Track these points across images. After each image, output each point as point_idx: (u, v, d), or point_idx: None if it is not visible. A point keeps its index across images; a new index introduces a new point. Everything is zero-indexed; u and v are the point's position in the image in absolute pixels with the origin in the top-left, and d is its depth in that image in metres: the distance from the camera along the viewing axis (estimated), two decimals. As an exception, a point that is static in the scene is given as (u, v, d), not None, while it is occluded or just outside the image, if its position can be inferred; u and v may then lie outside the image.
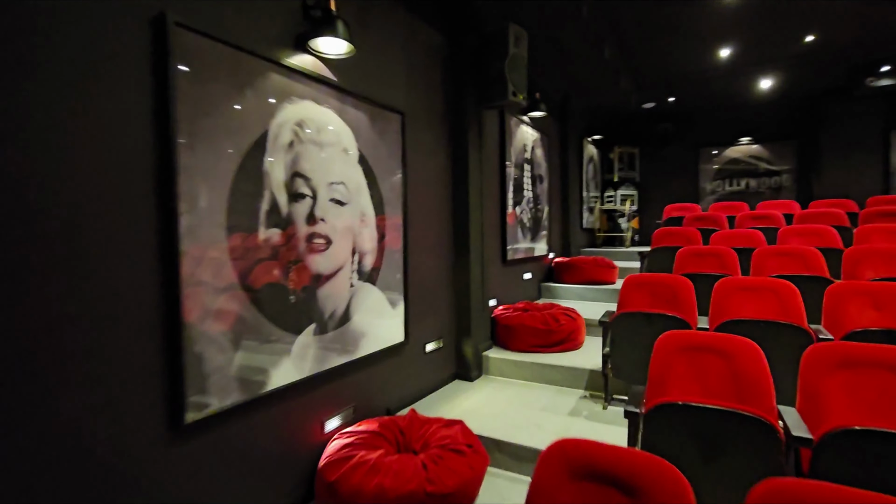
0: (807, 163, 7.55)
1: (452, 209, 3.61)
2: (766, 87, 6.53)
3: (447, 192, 3.55)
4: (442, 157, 3.48)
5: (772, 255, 3.59)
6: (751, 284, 2.81)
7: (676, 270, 3.86)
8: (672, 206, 6.78)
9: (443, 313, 3.51)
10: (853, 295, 2.56)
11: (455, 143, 3.58)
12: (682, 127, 8.35)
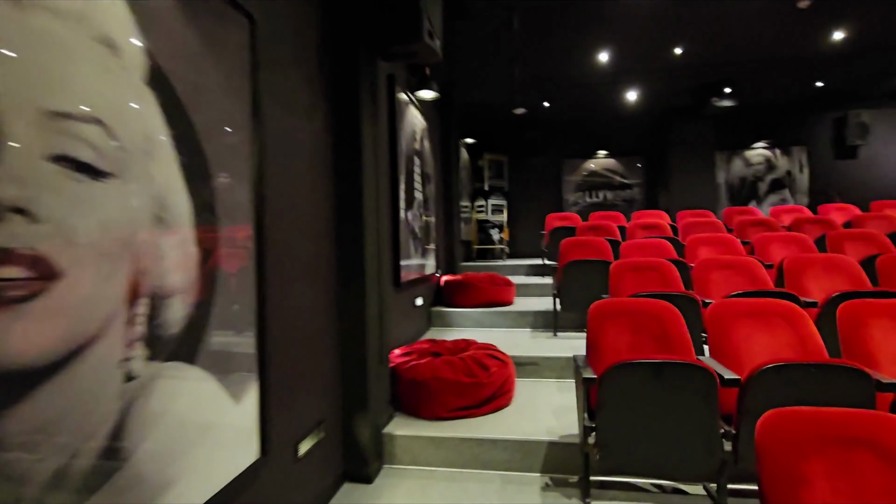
0: (655, 177, 8.03)
1: (337, 207, 2.28)
2: (632, 99, 6.61)
3: (328, 181, 2.21)
4: (319, 122, 2.13)
5: (717, 267, 3.11)
6: (758, 309, 2.13)
7: (616, 290, 3.15)
8: (554, 216, 6.39)
9: (325, 378, 2.14)
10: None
11: (339, 105, 2.27)
12: (549, 137, 8.23)
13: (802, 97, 7.17)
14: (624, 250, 4.05)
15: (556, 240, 5.39)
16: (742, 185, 7.97)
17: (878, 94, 7.23)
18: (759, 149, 7.87)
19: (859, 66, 5.90)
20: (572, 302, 3.77)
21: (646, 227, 5.10)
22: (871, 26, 4.96)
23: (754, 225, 4.88)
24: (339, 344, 2.28)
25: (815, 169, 7.75)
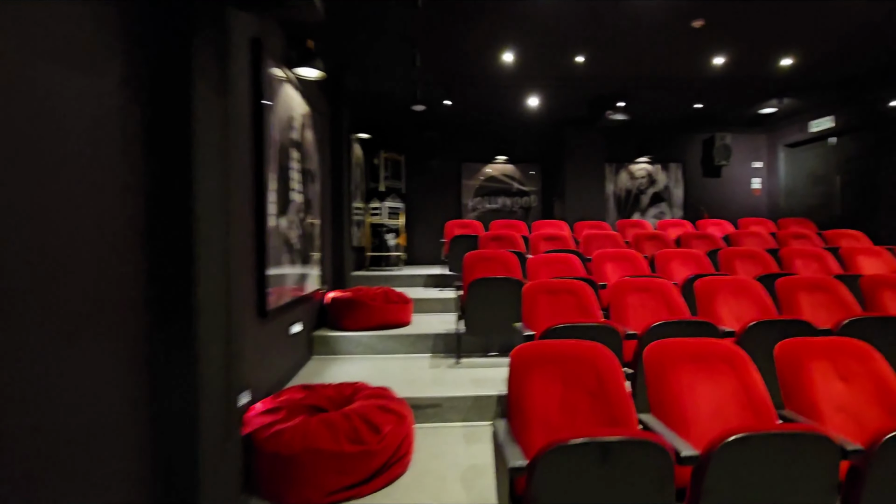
0: (551, 186, 8.06)
1: (148, 209, 1.50)
2: (533, 106, 6.45)
3: (136, 171, 1.43)
4: (115, 79, 1.35)
5: (632, 290, 2.86)
6: (699, 352, 1.81)
7: (530, 315, 2.74)
8: (454, 223, 5.97)
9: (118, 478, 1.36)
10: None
11: (160, 62, 1.50)
12: (449, 138, 7.85)
13: (682, 117, 7.67)
14: (532, 267, 3.71)
15: (457, 249, 4.97)
16: (628, 197, 8.36)
17: (741, 121, 8.03)
18: (643, 163, 8.31)
19: (729, 93, 6.37)
20: (479, 325, 3.32)
21: (549, 239, 4.88)
22: (744, 56, 5.30)
23: (649, 239, 4.92)
24: (153, 420, 1.51)
25: (688, 184, 8.39)
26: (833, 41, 4.97)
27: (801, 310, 2.86)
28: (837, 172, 7.24)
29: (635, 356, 2.45)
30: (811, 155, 7.71)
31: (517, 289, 3.19)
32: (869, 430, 1.74)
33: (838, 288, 2.95)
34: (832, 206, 7.28)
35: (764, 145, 8.46)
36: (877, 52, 5.17)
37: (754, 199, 8.49)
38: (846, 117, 6.85)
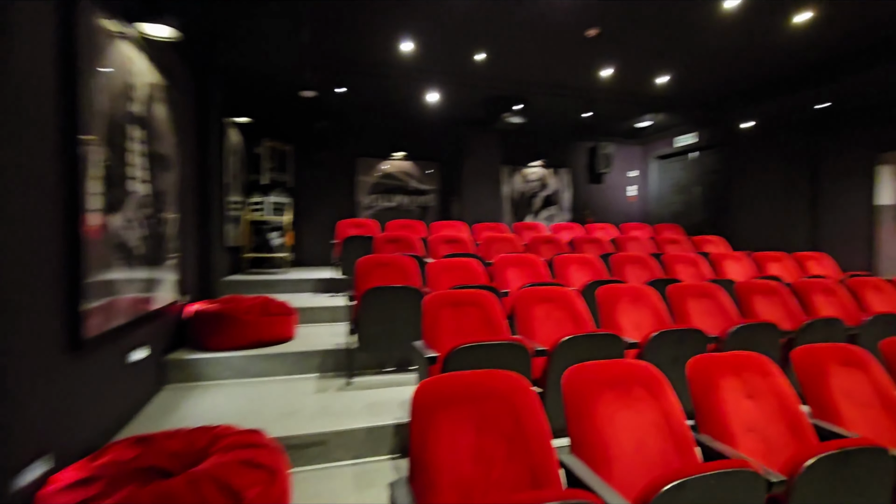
0: (449, 185, 7.91)
1: None
2: (432, 101, 6.19)
3: None
4: None
5: (537, 300, 2.69)
6: (618, 377, 1.64)
7: (432, 331, 2.43)
8: (347, 223, 5.47)
9: None
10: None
11: None
12: (343, 129, 7.28)
13: (572, 125, 8.00)
14: (432, 273, 3.42)
15: (350, 250, 4.51)
16: (522, 199, 8.53)
17: (620, 132, 8.63)
18: (536, 167, 8.55)
19: (614, 105, 6.74)
20: (374, 341, 2.94)
21: (448, 242, 4.66)
22: (628, 70, 5.60)
23: (545, 242, 4.94)
24: None
25: (576, 189, 8.82)
26: (700, 66, 5.44)
27: (691, 316, 2.95)
28: (698, 183, 8.10)
29: (544, 374, 2.27)
30: (677, 167, 8.56)
31: (417, 300, 2.87)
32: (776, 450, 1.72)
33: (719, 294, 3.10)
34: (693, 213, 8.14)
35: (639, 156, 9.21)
36: (734, 79, 5.79)
37: (630, 205, 9.21)
38: (706, 135, 7.68)
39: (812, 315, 3.33)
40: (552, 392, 2.26)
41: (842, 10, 4.10)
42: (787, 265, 4.65)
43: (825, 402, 1.82)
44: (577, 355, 2.27)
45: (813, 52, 4.88)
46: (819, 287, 3.42)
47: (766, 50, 4.93)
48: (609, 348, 2.32)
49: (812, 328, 2.76)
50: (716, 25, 4.40)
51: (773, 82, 5.55)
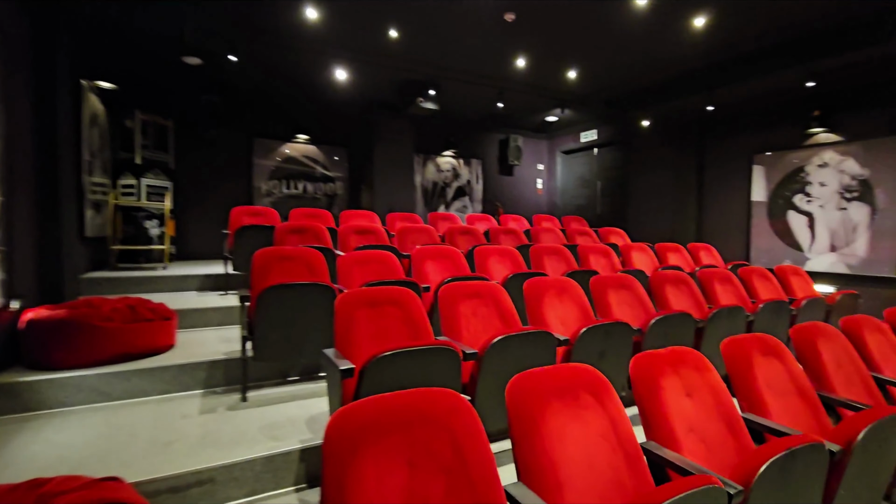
0: (359, 172, 7.44)
1: None
2: (341, 80, 5.69)
3: None
4: None
5: (463, 296, 2.46)
6: (566, 386, 1.45)
7: (347, 337, 2.08)
8: (242, 210, 4.81)
9: None
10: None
11: None
12: (236, 106, 6.46)
13: (485, 115, 7.94)
14: (344, 267, 3.05)
15: (246, 242, 3.95)
16: (434, 189, 8.33)
17: (530, 125, 8.79)
18: (449, 157, 8.39)
19: (525, 97, 6.77)
20: (274, 348, 2.50)
21: (360, 232, 4.27)
22: (541, 62, 5.61)
23: (462, 234, 4.76)
24: None
25: (487, 180, 8.83)
26: (606, 63, 5.62)
27: (612, 308, 2.93)
28: (598, 178, 8.53)
29: (473, 379, 2.05)
30: (580, 161, 8.94)
31: (326, 299, 2.49)
32: (715, 450, 1.66)
33: (635, 285, 3.13)
34: (594, 206, 8.57)
35: (545, 150, 9.48)
36: (635, 79, 6.07)
37: (538, 197, 9.46)
38: (607, 132, 8.07)
39: (714, 303, 3.52)
40: (484, 398, 2.05)
41: (727, 21, 4.41)
42: (683, 256, 4.97)
43: (754, 395, 1.82)
44: (508, 357, 2.09)
45: (703, 58, 5.24)
46: (717, 276, 3.63)
47: (666, 53, 5.19)
48: (541, 346, 2.17)
49: (718, 317, 2.87)
50: (624, 23, 4.51)
51: (669, 84, 5.91)
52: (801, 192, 5.63)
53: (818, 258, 5.48)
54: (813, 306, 3.49)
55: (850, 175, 5.20)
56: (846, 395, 2.09)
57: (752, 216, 6.11)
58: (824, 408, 1.97)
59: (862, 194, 5.12)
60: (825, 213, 5.42)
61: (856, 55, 4.39)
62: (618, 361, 2.48)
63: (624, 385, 2.60)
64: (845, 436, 1.56)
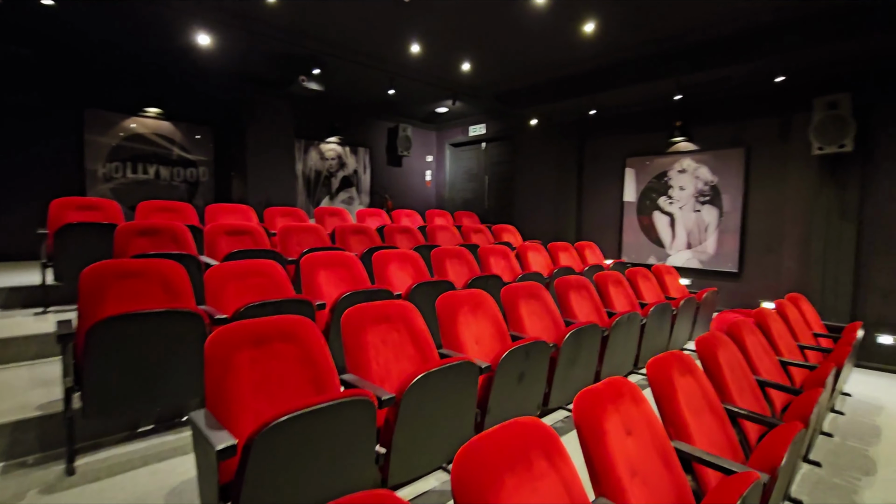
0: (228, 157, 6.46)
1: None
2: (204, 44, 4.77)
3: None
4: None
5: (371, 320, 2.08)
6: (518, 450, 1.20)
7: (221, 389, 1.58)
8: (67, 203, 3.76)
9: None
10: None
11: None
12: (57, 64, 5.09)
13: (374, 101, 7.45)
14: (213, 282, 2.46)
15: (72, 246, 3.08)
16: (318, 179, 7.65)
17: (419, 115, 8.51)
18: (334, 143, 7.75)
19: (416, 86, 6.47)
20: (114, 399, 1.88)
21: (233, 233, 3.60)
22: (436, 50, 5.35)
23: (355, 233, 4.33)
24: None
25: (375, 171, 8.38)
26: (499, 58, 5.56)
27: (524, 321, 2.80)
28: (486, 172, 8.63)
29: (388, 425, 1.72)
30: (469, 155, 8.95)
31: (193, 328, 1.94)
32: (658, 494, 1.58)
33: (543, 294, 3.05)
34: (482, 200, 8.66)
35: (434, 141, 9.32)
36: (525, 76, 6.14)
37: (427, 190, 9.29)
38: (495, 127, 8.16)
39: (609, 306, 3.63)
40: (403, 446, 1.73)
41: (613, 30, 4.60)
42: (572, 255, 5.15)
43: (679, 420, 1.78)
44: (429, 395, 1.80)
45: (589, 63, 5.45)
46: (611, 279, 3.77)
47: (558, 54, 5.29)
48: (463, 377, 1.91)
49: (619, 324, 2.92)
50: (521, 21, 4.43)
51: (558, 85, 6.08)
52: (664, 195, 6.24)
53: (677, 254, 6.14)
54: (688, 304, 3.80)
55: (704, 181, 5.88)
56: (742, 404, 2.20)
57: (624, 215, 6.64)
58: (730, 420, 2.04)
59: (712, 198, 5.82)
60: (684, 214, 6.07)
61: (719, 71, 4.89)
62: (536, 382, 2.35)
63: (539, 405, 2.49)
64: (769, 462, 1.57)
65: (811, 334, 3.79)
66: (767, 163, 5.40)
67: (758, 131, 5.45)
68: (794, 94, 5.02)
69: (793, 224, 5.22)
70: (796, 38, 4.26)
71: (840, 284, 4.83)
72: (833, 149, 4.57)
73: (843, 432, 3.18)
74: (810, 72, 4.76)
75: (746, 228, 5.58)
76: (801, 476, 2.59)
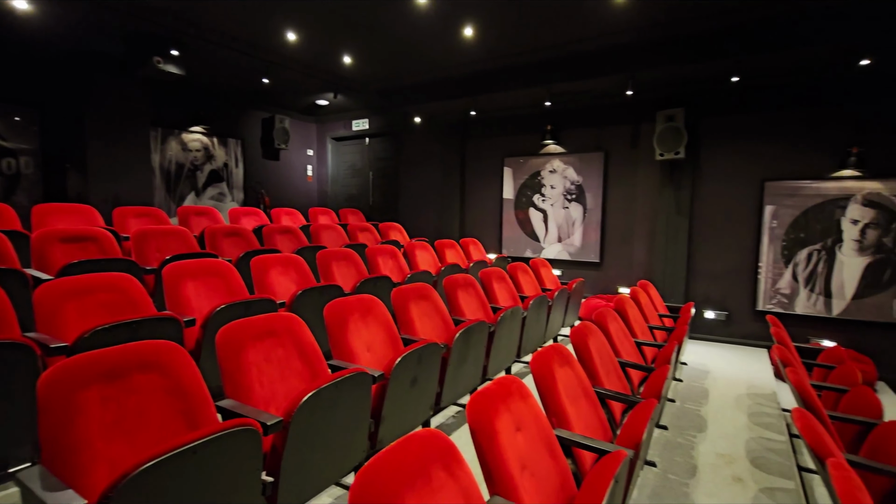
0: (59, 146, 5.43)
1: None
2: (23, 10, 3.91)
3: None
4: None
5: (263, 357, 1.90)
6: (417, 466, 1.19)
7: (61, 443, 1.32)
8: None
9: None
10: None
11: None
12: None
13: (246, 89, 6.85)
14: (45, 303, 2.04)
15: None
16: (180, 173, 6.82)
17: (298, 107, 8.04)
18: (199, 133, 6.97)
19: (293, 76, 6.10)
20: None
21: (71, 240, 3.04)
22: (315, 40, 5.09)
23: (228, 236, 3.95)
24: None
25: (249, 165, 7.73)
26: (382, 52, 5.49)
27: (415, 324, 2.81)
28: (370, 168, 8.50)
29: (275, 452, 1.60)
30: (352, 150, 8.72)
31: (25, 368, 1.59)
32: (545, 483, 1.68)
33: (432, 295, 3.09)
34: (367, 196, 8.52)
35: (315, 134, 8.90)
36: (410, 74, 6.14)
37: (308, 185, 8.85)
38: (379, 122, 8.05)
39: (494, 301, 3.82)
40: (292, 473, 1.62)
41: (491, 36, 4.82)
42: (458, 252, 5.31)
43: (560, 409, 1.93)
44: (319, 414, 1.71)
45: (471, 66, 5.64)
46: (494, 275, 3.96)
47: (441, 54, 5.37)
48: (356, 390, 1.85)
49: (504, 319, 3.08)
50: (404, 18, 4.41)
51: (441, 85, 6.19)
52: (538, 193, 6.74)
53: (550, 247, 6.69)
54: (561, 295, 4.16)
55: (571, 181, 6.48)
56: (609, 386, 2.47)
57: (504, 211, 7.04)
58: (599, 402, 2.28)
59: (578, 196, 6.44)
60: (555, 211, 6.63)
61: (584, 83, 5.40)
62: (428, 384, 2.37)
63: (431, 405, 2.53)
64: (633, 439, 1.79)
65: (657, 315, 4.42)
66: (622, 165, 6.13)
67: (614, 138, 6.15)
68: (643, 106, 5.76)
69: (642, 219, 6.01)
70: (645, 59, 4.88)
71: (677, 270, 5.70)
72: (671, 155, 5.35)
73: (682, 397, 3.76)
74: (655, 88, 5.50)
75: (606, 223, 6.28)
76: (653, 440, 3.00)
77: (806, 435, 1.78)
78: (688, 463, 2.74)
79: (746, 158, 5.38)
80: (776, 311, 5.27)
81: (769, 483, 2.57)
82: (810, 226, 5.12)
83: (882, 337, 4.85)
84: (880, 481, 2.06)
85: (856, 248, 4.93)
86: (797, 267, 5.20)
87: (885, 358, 4.81)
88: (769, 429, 3.23)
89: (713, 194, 5.58)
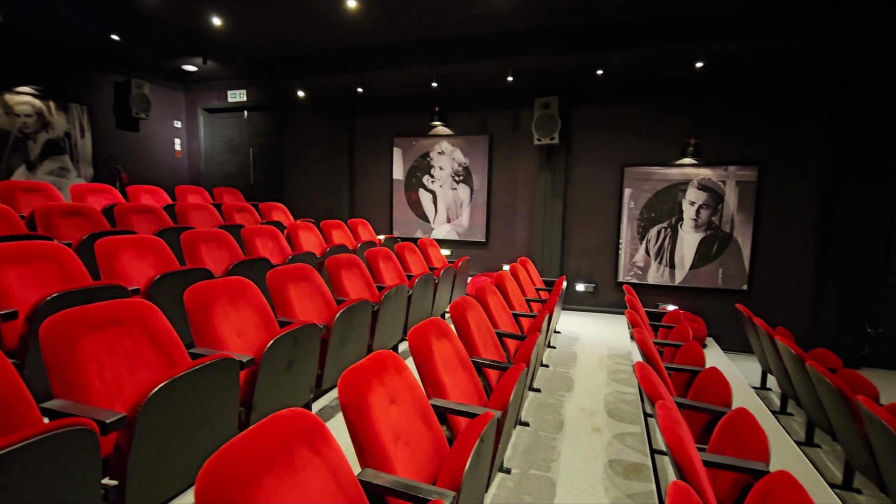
0: None
1: None
2: None
3: None
4: None
5: (93, 326, 1.66)
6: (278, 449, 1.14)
7: None
8: None
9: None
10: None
11: None
12: None
13: (91, 44, 5.87)
14: None
15: None
16: (5, 142, 5.68)
17: (161, 71, 7.11)
18: (28, 94, 5.84)
19: (151, 34, 5.38)
20: None
21: None
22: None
23: (67, 216, 3.39)
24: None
25: (99, 136, 6.70)
26: (257, 18, 5.06)
27: (293, 305, 2.69)
28: (250, 145, 7.88)
29: (119, 453, 1.44)
30: (229, 123, 7.99)
31: None
32: (420, 451, 1.72)
33: (313, 275, 2.98)
34: (247, 175, 7.91)
35: (183, 104, 7.99)
36: (290, 44, 5.75)
37: (177, 161, 7.96)
38: (258, 95, 7.47)
39: (380, 280, 3.80)
40: (141, 475, 1.47)
41: (375, 10, 4.69)
42: (345, 233, 5.18)
43: (436, 380, 2.00)
44: (174, 407, 1.56)
45: (356, 40, 5.44)
46: (381, 255, 3.93)
47: (323, 26, 5.10)
48: (222, 377, 1.73)
49: (388, 297, 3.09)
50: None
51: (325, 58, 5.90)
52: (428, 174, 6.81)
53: (440, 228, 6.83)
54: (447, 273, 4.28)
55: (458, 162, 6.65)
56: (486, 356, 2.61)
57: (394, 192, 7.01)
58: (476, 370, 2.40)
59: (465, 178, 6.64)
60: (443, 192, 6.76)
61: (466, 66, 5.51)
62: (307, 366, 2.30)
63: (312, 388, 2.46)
64: (501, 401, 1.91)
65: (535, 289, 4.76)
66: (505, 149, 6.43)
67: (498, 122, 6.42)
68: (523, 93, 6.07)
69: (523, 201, 6.39)
70: (523, 47, 5.12)
71: (553, 248, 6.19)
72: (547, 140, 5.73)
73: (555, 362, 4.12)
74: (534, 76, 5.81)
75: (491, 204, 6.58)
76: (528, 402, 3.26)
77: (643, 383, 2.05)
78: (556, 420, 3.03)
79: (610, 146, 5.98)
80: (633, 281, 6.00)
81: (621, 430, 2.94)
82: (659, 207, 5.88)
83: (711, 300, 5.79)
84: (701, 417, 2.47)
85: (692, 226, 5.79)
86: (649, 243, 5.96)
87: (714, 317, 5.75)
88: (623, 383, 3.69)
89: (583, 178, 6.12)
